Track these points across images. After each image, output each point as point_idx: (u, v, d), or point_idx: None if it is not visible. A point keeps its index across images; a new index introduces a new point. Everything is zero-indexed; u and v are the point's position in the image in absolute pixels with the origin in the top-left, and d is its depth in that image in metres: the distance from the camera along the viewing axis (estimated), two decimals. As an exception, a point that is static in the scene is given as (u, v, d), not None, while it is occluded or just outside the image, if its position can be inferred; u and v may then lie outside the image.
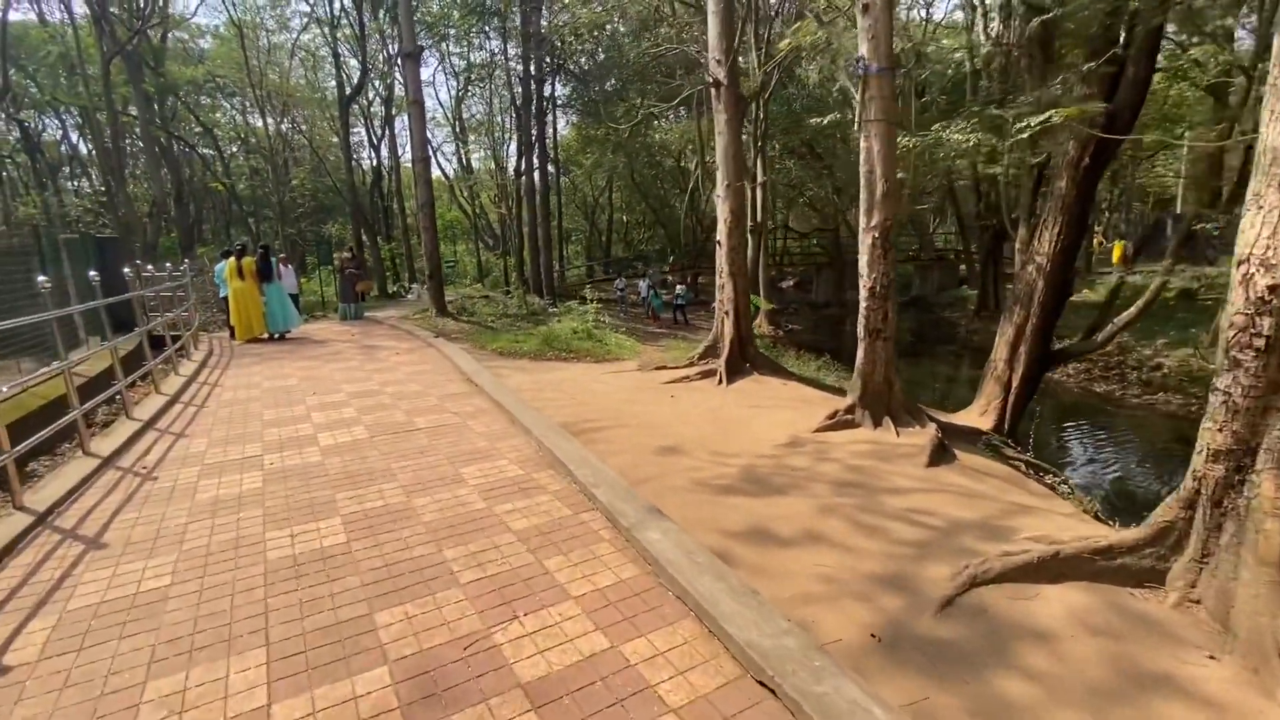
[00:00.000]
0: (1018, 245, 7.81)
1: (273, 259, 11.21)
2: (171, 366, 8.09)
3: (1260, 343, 2.65)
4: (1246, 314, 2.70)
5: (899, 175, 6.23)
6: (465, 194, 34.22)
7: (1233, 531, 2.79)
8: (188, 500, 4.45)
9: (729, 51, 8.63)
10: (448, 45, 30.19)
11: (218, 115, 37.33)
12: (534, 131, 22.34)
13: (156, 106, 27.85)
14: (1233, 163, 10.47)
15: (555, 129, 23.93)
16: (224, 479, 4.78)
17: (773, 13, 17.23)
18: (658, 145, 29.87)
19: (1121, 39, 6.65)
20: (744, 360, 8.94)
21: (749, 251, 16.92)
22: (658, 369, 9.30)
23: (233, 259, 10.77)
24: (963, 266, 28.59)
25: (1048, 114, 6.37)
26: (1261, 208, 2.65)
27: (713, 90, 8.77)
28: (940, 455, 5.37)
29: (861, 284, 6.03)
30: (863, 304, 5.99)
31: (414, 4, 15.18)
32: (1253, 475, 2.72)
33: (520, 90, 24.28)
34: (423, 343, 10.59)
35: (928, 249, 31.25)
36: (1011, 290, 7.75)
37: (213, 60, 34.93)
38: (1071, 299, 18.97)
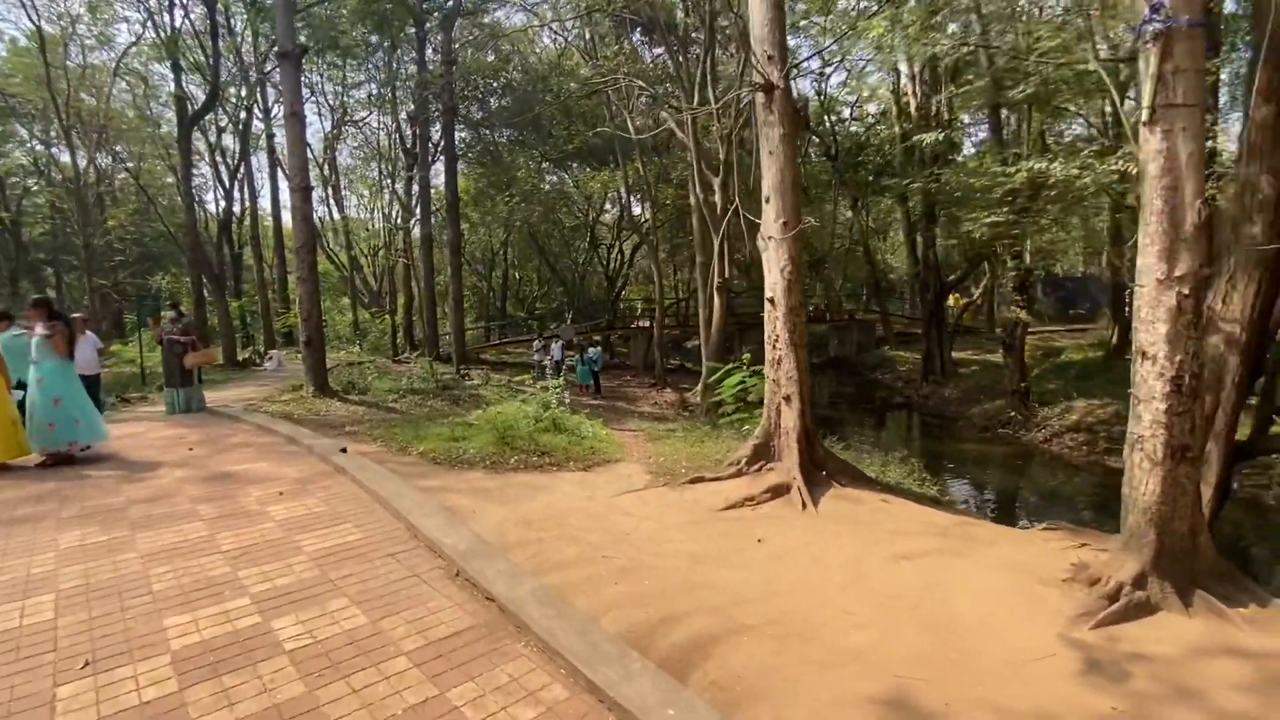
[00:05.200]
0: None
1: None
2: None
3: None
4: None
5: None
6: (340, 243, 29.64)
7: None
8: None
9: (782, 45, 6.37)
10: (322, 77, 26.33)
11: (10, 145, 29.90)
12: (436, 175, 19.09)
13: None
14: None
15: (455, 176, 20.81)
16: None
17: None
18: (580, 195, 27.67)
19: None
20: (815, 465, 6.34)
21: (716, 313, 14.74)
22: (694, 482, 6.41)
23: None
24: (879, 327, 28.63)
25: None
26: None
27: (759, 97, 6.42)
28: (1385, 682, 3.00)
29: (1146, 370, 3.69)
30: (1156, 405, 3.63)
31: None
32: None
33: (418, 131, 21.04)
34: (320, 461, 6.46)
35: (835, 308, 31.28)
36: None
37: (3, 75, 28.05)
38: (1056, 359, 18.73)
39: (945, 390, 18.28)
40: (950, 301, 20.80)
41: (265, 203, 29.16)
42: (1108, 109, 17.81)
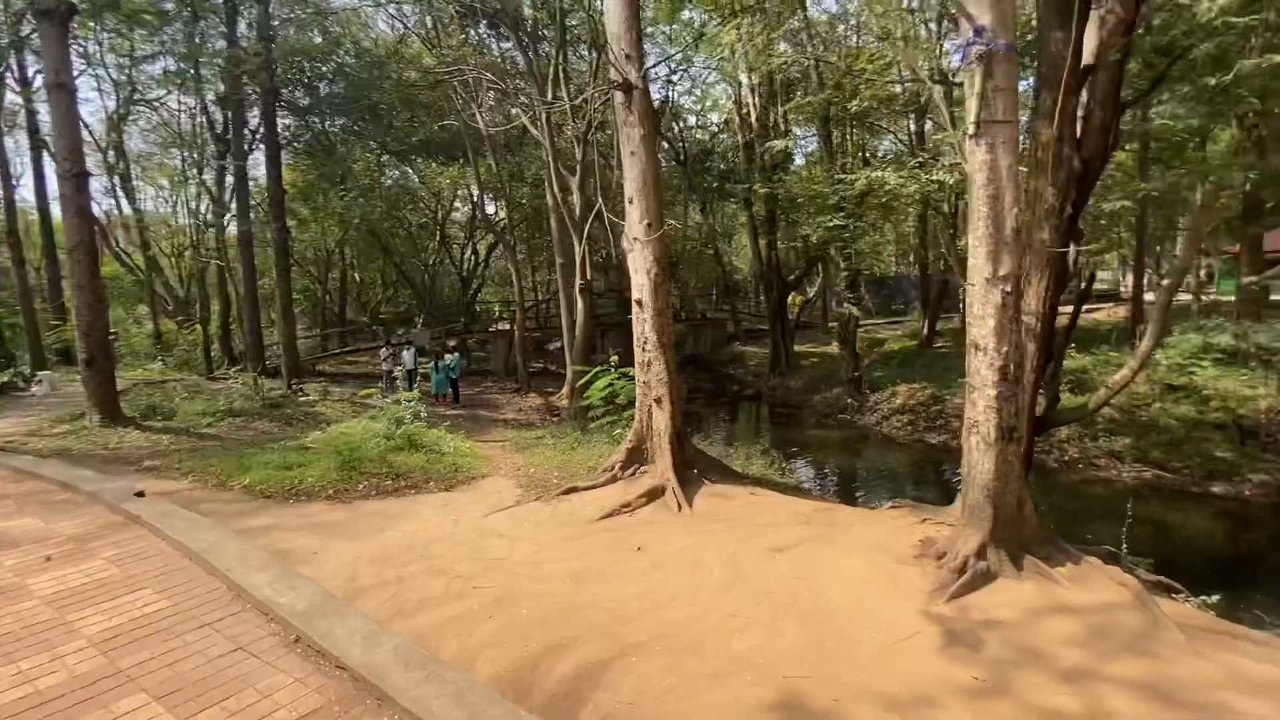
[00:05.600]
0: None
1: None
2: None
3: None
4: None
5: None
6: (133, 241, 25.39)
7: None
8: None
9: (638, 44, 6.32)
10: (101, 46, 22.16)
11: None
12: (256, 165, 16.85)
13: None
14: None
15: (279, 166, 18.46)
16: None
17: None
18: (427, 191, 26.04)
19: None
20: (686, 465, 6.37)
21: (579, 315, 14.47)
22: (567, 493, 6.14)
23: None
24: (731, 325, 30.17)
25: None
26: None
27: (618, 96, 6.31)
28: (1162, 622, 3.54)
29: (978, 361, 4.06)
30: (988, 392, 4.01)
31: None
32: None
33: (231, 115, 18.46)
34: (107, 510, 5.13)
35: (690, 308, 32.54)
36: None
37: None
38: (881, 349, 20.63)
39: (791, 382, 19.67)
40: (790, 300, 22.49)
41: (28, 193, 24.07)
42: (913, 127, 20.33)
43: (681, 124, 28.29)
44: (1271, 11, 6.21)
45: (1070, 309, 8.17)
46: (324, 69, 22.05)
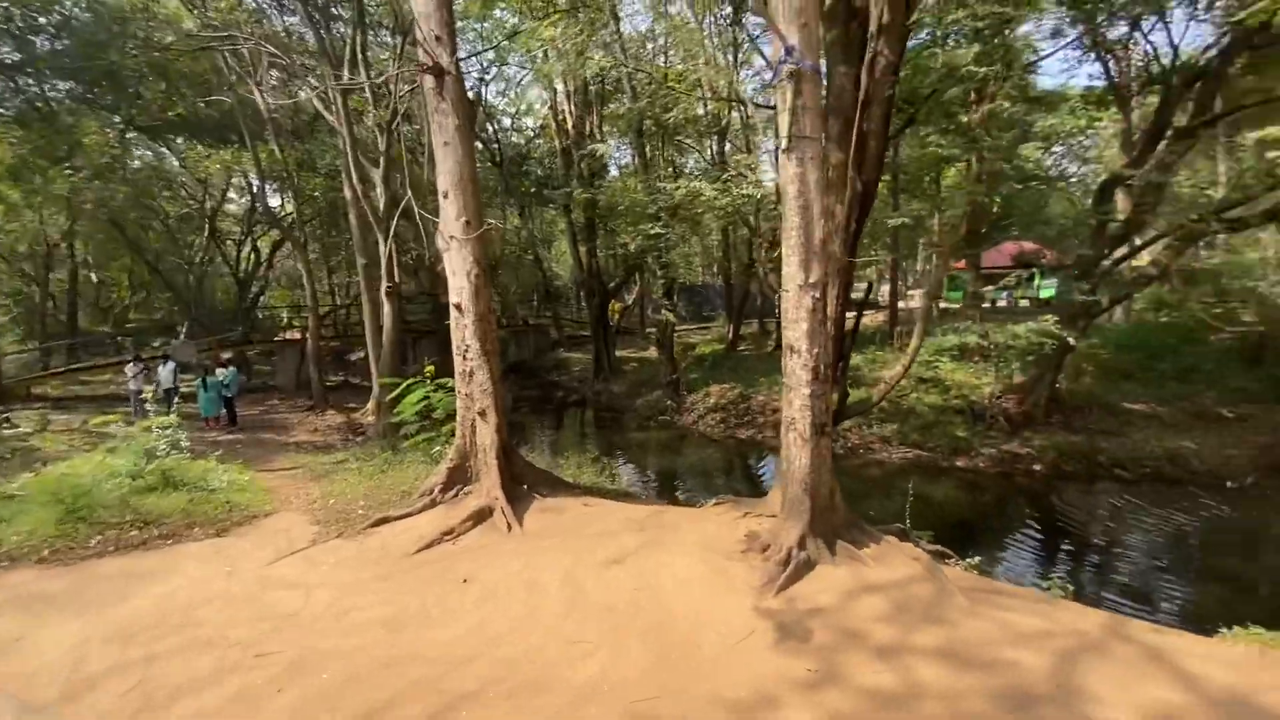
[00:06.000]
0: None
1: None
2: None
3: None
4: None
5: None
6: None
7: None
8: None
9: (450, 26, 5.83)
10: None
11: None
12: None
13: None
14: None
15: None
16: None
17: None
18: (190, 177, 22.06)
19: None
20: (515, 480, 6.00)
21: (386, 322, 13.09)
22: (378, 524, 5.40)
23: None
24: (554, 331, 29.92)
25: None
26: None
27: (429, 81, 5.76)
28: (948, 589, 4.03)
29: (794, 363, 4.30)
30: (803, 391, 4.26)
31: None
32: None
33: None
34: None
35: (511, 314, 31.77)
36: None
37: None
38: (694, 352, 21.57)
39: (614, 386, 20.00)
40: (611, 307, 22.97)
41: None
42: (715, 148, 21.92)
43: (496, 125, 27.48)
44: (1002, 64, 7.68)
45: (853, 314, 9.33)
46: (43, 20, 17.61)
